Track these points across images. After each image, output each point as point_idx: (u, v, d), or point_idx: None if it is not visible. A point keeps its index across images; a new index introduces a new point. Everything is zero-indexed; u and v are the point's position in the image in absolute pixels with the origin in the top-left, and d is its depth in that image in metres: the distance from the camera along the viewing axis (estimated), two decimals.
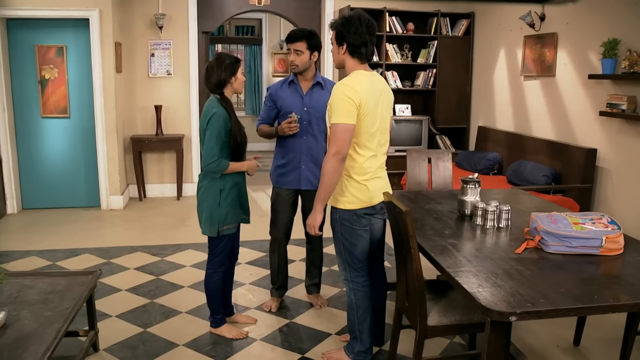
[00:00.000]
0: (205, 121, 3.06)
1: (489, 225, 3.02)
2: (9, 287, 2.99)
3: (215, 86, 3.13)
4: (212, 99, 3.15)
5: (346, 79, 2.74)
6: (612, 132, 4.50)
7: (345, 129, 2.66)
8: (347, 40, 2.74)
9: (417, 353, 2.63)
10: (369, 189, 2.82)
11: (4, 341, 2.39)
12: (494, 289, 2.23)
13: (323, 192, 2.76)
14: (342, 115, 2.66)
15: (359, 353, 3.03)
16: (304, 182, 3.57)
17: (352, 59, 2.78)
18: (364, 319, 2.98)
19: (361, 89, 2.67)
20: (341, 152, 2.68)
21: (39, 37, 5.87)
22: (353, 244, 2.87)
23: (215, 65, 3.11)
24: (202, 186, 3.19)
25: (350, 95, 2.65)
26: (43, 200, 6.15)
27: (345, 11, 6.44)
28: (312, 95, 3.51)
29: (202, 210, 3.18)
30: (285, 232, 3.71)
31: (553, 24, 5.16)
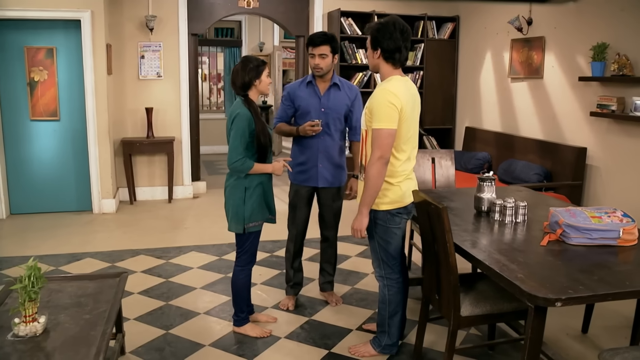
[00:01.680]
0: (230, 121, 3.15)
1: (508, 221, 3.17)
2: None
3: (240, 88, 3.20)
4: (238, 101, 3.22)
5: (387, 84, 2.84)
6: (600, 132, 4.74)
7: (389, 134, 2.76)
8: (382, 45, 2.83)
9: (450, 343, 2.75)
10: (402, 190, 2.93)
11: (52, 344, 2.39)
12: (533, 277, 2.37)
13: (369, 196, 2.85)
14: (386, 120, 2.75)
15: (386, 347, 3.13)
16: (321, 180, 3.68)
17: (386, 63, 2.87)
18: (394, 314, 3.09)
19: (401, 95, 2.78)
20: (385, 157, 2.78)
21: (28, 38, 5.75)
22: (388, 242, 2.98)
23: (240, 68, 3.18)
24: (229, 184, 3.25)
25: (393, 100, 2.75)
26: (32, 205, 6.02)
27: (335, 14, 6.55)
28: (329, 96, 3.61)
29: (229, 207, 3.25)
30: (303, 229, 3.81)
31: (540, 28, 5.40)
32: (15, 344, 2.38)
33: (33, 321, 2.47)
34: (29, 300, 2.44)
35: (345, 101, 3.63)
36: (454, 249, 2.67)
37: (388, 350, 3.14)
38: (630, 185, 4.49)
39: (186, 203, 6.61)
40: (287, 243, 3.87)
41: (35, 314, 2.49)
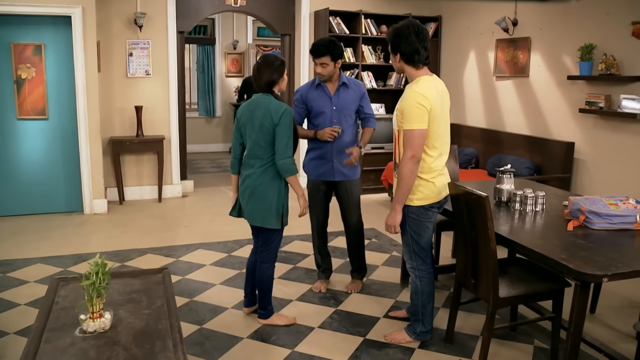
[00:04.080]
0: (278, 116, 3.18)
1: (529, 210, 3.40)
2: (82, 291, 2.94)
3: (266, 85, 3.27)
4: (265, 97, 3.27)
5: (414, 86, 2.98)
6: (587, 127, 5.09)
7: (420, 134, 2.92)
8: (400, 49, 2.98)
9: (490, 323, 2.94)
10: (436, 186, 3.09)
11: (125, 339, 2.41)
12: (574, 258, 2.60)
13: (402, 193, 3.02)
14: (416, 121, 2.91)
15: (420, 333, 3.29)
16: (337, 174, 3.88)
17: (408, 65, 3.03)
18: (427, 303, 3.25)
19: (430, 95, 2.93)
20: (417, 156, 2.95)
21: (14, 34, 5.58)
22: (420, 235, 3.14)
23: (265, 66, 3.26)
24: (263, 182, 3.29)
25: (422, 102, 2.89)
26: (18, 206, 5.83)
27: (323, 14, 6.67)
28: (339, 95, 3.85)
29: (268, 203, 3.29)
30: (323, 218, 4.03)
31: (526, 29, 5.71)
32: (87, 340, 2.39)
33: (100, 317, 2.48)
34: (97, 297, 2.46)
35: (355, 98, 3.90)
36: (494, 235, 2.87)
37: (423, 337, 3.30)
38: (615, 176, 4.85)
39: (176, 202, 6.57)
40: (312, 232, 4.09)
41: (102, 310, 2.50)
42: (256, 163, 3.28)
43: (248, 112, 3.29)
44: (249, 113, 3.28)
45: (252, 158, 3.30)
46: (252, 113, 3.26)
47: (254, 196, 3.30)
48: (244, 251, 4.84)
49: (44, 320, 2.59)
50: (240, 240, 5.11)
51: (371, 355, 3.15)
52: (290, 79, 7.25)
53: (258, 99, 3.30)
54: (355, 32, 6.73)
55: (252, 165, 3.31)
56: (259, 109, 3.24)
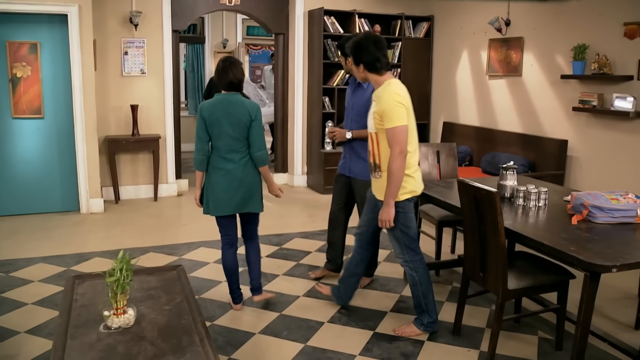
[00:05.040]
0: (254, 113, 3.44)
1: (532, 205, 3.51)
2: (101, 288, 2.97)
3: (238, 84, 3.44)
4: (235, 95, 3.44)
5: (389, 87, 3.17)
6: (580, 125, 5.23)
7: (404, 130, 3.10)
8: (362, 60, 3.22)
9: (499, 314, 3.04)
10: (416, 180, 3.31)
11: (150, 334, 2.45)
12: (583, 250, 2.71)
13: (394, 188, 3.15)
14: (399, 119, 3.08)
15: (428, 324, 3.38)
16: (346, 170, 4.04)
17: (371, 73, 3.24)
18: (427, 292, 3.37)
19: (404, 94, 3.17)
20: (404, 151, 3.12)
21: (9, 32, 5.53)
22: (409, 226, 3.30)
23: (234, 67, 3.42)
24: (249, 172, 3.51)
25: (400, 100, 3.10)
26: (14, 206, 5.78)
27: (317, 13, 6.73)
28: (355, 95, 3.98)
29: (256, 191, 3.56)
30: (337, 208, 4.16)
31: (519, 29, 5.84)
32: (113, 336, 2.42)
33: (124, 313, 2.52)
34: (121, 293, 2.49)
35: (367, 99, 3.89)
36: (504, 229, 2.97)
37: (431, 328, 3.39)
38: (608, 173, 4.99)
39: (172, 201, 6.57)
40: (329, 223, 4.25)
41: (125, 306, 2.53)
42: (236, 157, 3.45)
43: (221, 110, 3.39)
44: (222, 111, 3.39)
45: (230, 152, 3.44)
46: (227, 111, 3.39)
47: (243, 186, 3.49)
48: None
49: (67, 318, 2.62)
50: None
51: (382, 348, 3.22)
52: (284, 78, 7.28)
53: (228, 97, 3.43)
54: (349, 31, 6.80)
55: (231, 160, 3.46)
56: (233, 106, 3.40)
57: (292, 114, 7.22)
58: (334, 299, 3.78)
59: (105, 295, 2.84)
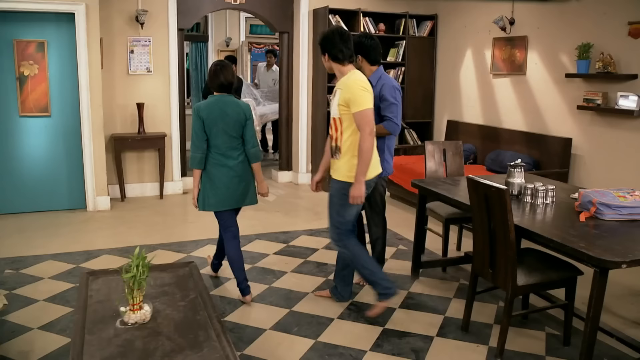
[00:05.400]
0: (249, 112, 3.71)
1: (539, 202, 3.55)
2: (114, 284, 3.00)
3: (229, 86, 3.67)
4: (228, 96, 3.67)
5: (352, 76, 3.41)
6: (584, 124, 5.26)
7: (371, 112, 3.35)
8: (327, 50, 3.44)
9: (508, 309, 3.08)
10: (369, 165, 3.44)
11: (167, 330, 2.48)
12: (592, 246, 2.75)
13: (365, 165, 3.36)
14: (366, 102, 3.33)
15: (386, 290, 3.51)
16: None
17: (335, 63, 3.46)
18: (366, 262, 3.54)
19: (366, 83, 3.40)
20: (373, 131, 3.38)
21: (17, 31, 5.55)
22: (345, 207, 3.50)
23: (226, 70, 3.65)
24: (247, 168, 3.75)
25: (365, 86, 3.36)
26: (21, 204, 5.81)
27: (322, 12, 6.76)
28: None
29: (253, 184, 3.81)
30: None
31: (523, 27, 5.87)
32: (130, 331, 2.46)
33: (140, 309, 2.55)
34: (137, 289, 2.52)
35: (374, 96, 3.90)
36: (514, 226, 3.00)
37: (391, 291, 3.52)
38: (612, 171, 5.03)
39: (178, 199, 6.60)
40: None
41: (141, 302, 2.57)
42: (234, 153, 3.67)
43: (218, 110, 3.59)
44: (219, 111, 3.59)
45: (229, 150, 3.65)
46: (224, 111, 3.59)
47: (243, 181, 3.72)
48: (253, 246, 4.92)
49: (83, 313, 2.65)
50: (248, 236, 5.17)
51: (393, 344, 3.26)
52: (289, 76, 7.31)
53: (222, 98, 3.65)
54: (353, 30, 6.81)
55: (230, 156, 3.67)
56: (229, 107, 3.62)
57: (297, 112, 7.25)
58: (334, 298, 3.82)
59: (119, 291, 2.90)
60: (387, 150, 4.00)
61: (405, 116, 7.21)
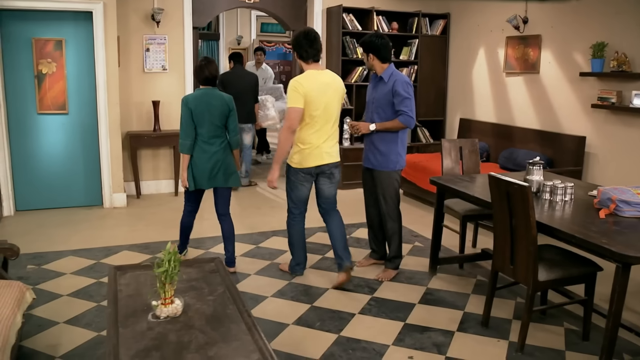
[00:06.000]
0: (232, 105, 4.13)
1: (558, 199, 3.59)
2: (143, 279, 3.05)
3: (213, 79, 4.10)
4: (213, 90, 4.09)
5: (298, 76, 3.81)
6: (598, 122, 5.30)
7: (294, 111, 3.75)
8: (295, 49, 3.86)
9: (529, 305, 3.12)
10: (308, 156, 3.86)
11: (199, 322, 2.53)
12: (614, 242, 2.79)
13: (278, 155, 3.90)
14: (291, 101, 3.75)
15: (292, 266, 4.21)
16: (366, 162, 4.24)
17: (300, 61, 3.89)
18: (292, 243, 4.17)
19: (305, 83, 3.73)
20: (291, 127, 3.79)
21: (36, 29, 5.61)
22: (292, 190, 4.02)
23: (211, 65, 4.09)
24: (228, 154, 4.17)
25: (297, 87, 3.72)
26: (38, 201, 5.88)
27: (335, 10, 6.81)
28: (377, 88, 4.13)
29: (233, 169, 4.21)
30: (367, 203, 4.39)
31: (537, 26, 5.90)
32: (163, 325, 2.50)
33: (172, 303, 2.60)
34: (169, 283, 2.57)
35: (387, 92, 4.03)
36: (535, 222, 3.04)
37: (293, 270, 4.21)
38: (626, 169, 5.06)
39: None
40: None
41: (173, 296, 2.62)
42: (217, 141, 4.09)
43: (205, 103, 4.02)
44: (206, 103, 4.02)
45: (212, 137, 4.07)
46: (210, 103, 4.02)
47: (223, 165, 4.13)
48: (270, 242, 4.98)
49: (115, 307, 2.70)
50: (265, 232, 5.23)
51: (414, 339, 3.31)
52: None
53: (209, 91, 4.08)
54: (367, 28, 6.87)
55: (214, 143, 4.09)
56: (214, 99, 4.04)
57: None
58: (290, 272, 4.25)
59: (147, 286, 2.95)
60: (400, 143, 4.13)
61: (418, 114, 7.23)
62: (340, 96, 3.96)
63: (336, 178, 4.05)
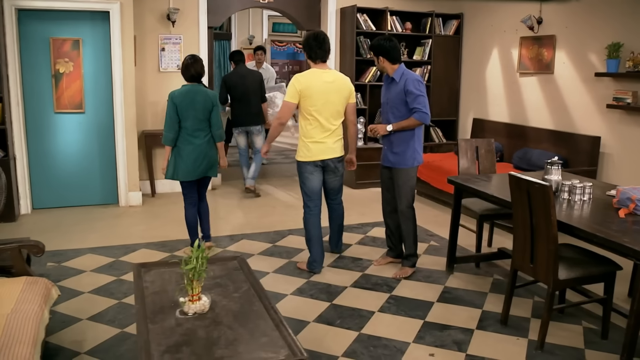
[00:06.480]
0: (215, 101, 4.42)
1: (577, 199, 3.61)
2: (167, 276, 3.09)
3: (198, 76, 4.43)
4: (198, 86, 4.40)
5: (299, 73, 4.14)
6: (613, 122, 5.30)
7: (286, 105, 4.11)
8: (305, 49, 4.17)
9: (549, 303, 3.15)
10: (311, 149, 4.13)
11: (227, 319, 2.56)
12: (636, 241, 2.81)
13: (267, 141, 4.40)
14: (287, 96, 4.09)
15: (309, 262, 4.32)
16: (385, 160, 4.29)
17: (309, 60, 4.17)
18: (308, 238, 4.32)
19: (304, 80, 4.03)
20: (281, 119, 4.14)
21: (53, 29, 5.67)
22: (303, 182, 4.25)
23: (197, 63, 4.41)
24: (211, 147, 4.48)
25: (295, 84, 4.04)
26: (54, 199, 5.94)
27: (349, 10, 6.83)
28: (390, 89, 4.21)
29: (214, 161, 4.51)
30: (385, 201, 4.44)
31: (551, 27, 5.91)
32: (191, 321, 2.54)
33: (199, 299, 2.64)
34: (197, 280, 2.61)
35: (399, 91, 4.10)
36: (556, 221, 3.07)
37: (310, 266, 4.31)
38: None
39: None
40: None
41: (200, 293, 2.65)
42: (201, 134, 4.38)
43: (189, 98, 4.31)
44: (190, 99, 4.30)
45: (196, 131, 4.36)
46: (194, 98, 4.31)
47: (207, 157, 4.44)
48: (287, 241, 5.01)
49: (142, 304, 2.74)
50: (281, 231, 5.27)
51: (434, 336, 3.34)
52: None
53: (194, 88, 4.37)
54: (381, 28, 6.90)
55: (198, 136, 4.38)
56: (198, 95, 4.33)
57: None
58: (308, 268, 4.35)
59: (172, 283, 2.99)
60: (416, 140, 4.20)
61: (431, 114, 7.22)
62: (344, 95, 4.17)
63: (340, 171, 4.32)
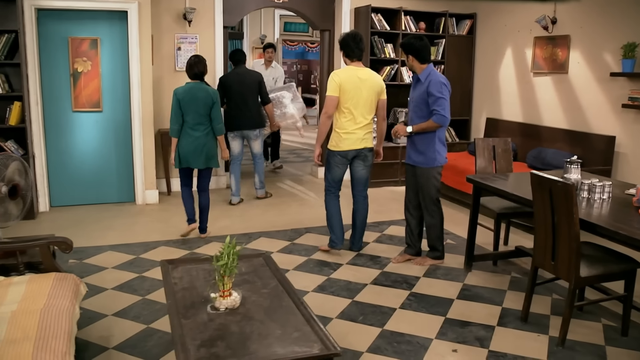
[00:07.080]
0: (216, 97, 4.80)
1: (596, 197, 3.64)
2: (195, 273, 3.14)
3: (201, 75, 4.80)
4: (200, 84, 4.79)
5: (338, 69, 4.53)
6: (628, 122, 5.33)
7: (329, 98, 4.33)
8: (342, 48, 4.43)
9: (571, 300, 3.19)
10: (343, 139, 4.40)
11: (258, 315, 2.61)
12: None
13: (318, 137, 4.59)
14: (329, 90, 4.32)
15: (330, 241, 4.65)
16: (407, 158, 4.40)
17: (345, 58, 4.44)
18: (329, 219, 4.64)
19: (342, 75, 4.32)
20: (327, 113, 4.38)
21: (72, 28, 5.73)
22: (329, 170, 4.56)
23: (200, 63, 4.80)
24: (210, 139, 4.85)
25: (334, 78, 4.32)
26: (71, 197, 6.00)
27: (364, 10, 6.88)
28: (415, 88, 4.29)
29: (213, 152, 4.89)
30: (408, 198, 4.52)
31: (565, 27, 5.94)
32: (223, 316, 2.59)
33: (230, 295, 2.69)
34: (228, 276, 2.66)
35: (423, 91, 4.16)
36: (579, 219, 3.10)
37: (331, 244, 4.63)
38: None
39: (223, 193, 6.74)
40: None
41: (230, 288, 2.70)
42: (201, 128, 4.77)
43: (191, 95, 4.71)
44: (192, 95, 4.70)
45: (197, 124, 4.76)
46: (195, 95, 4.70)
47: (205, 149, 4.81)
48: (305, 239, 5.06)
49: (174, 299, 2.79)
50: (298, 229, 5.32)
51: (456, 332, 3.38)
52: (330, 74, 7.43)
53: (196, 85, 4.78)
54: (395, 28, 6.94)
55: (198, 129, 4.78)
56: (200, 92, 4.72)
57: None
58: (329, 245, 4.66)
59: (200, 279, 3.04)
60: (438, 141, 4.27)
61: None
62: (377, 91, 4.39)
63: (369, 161, 4.54)
